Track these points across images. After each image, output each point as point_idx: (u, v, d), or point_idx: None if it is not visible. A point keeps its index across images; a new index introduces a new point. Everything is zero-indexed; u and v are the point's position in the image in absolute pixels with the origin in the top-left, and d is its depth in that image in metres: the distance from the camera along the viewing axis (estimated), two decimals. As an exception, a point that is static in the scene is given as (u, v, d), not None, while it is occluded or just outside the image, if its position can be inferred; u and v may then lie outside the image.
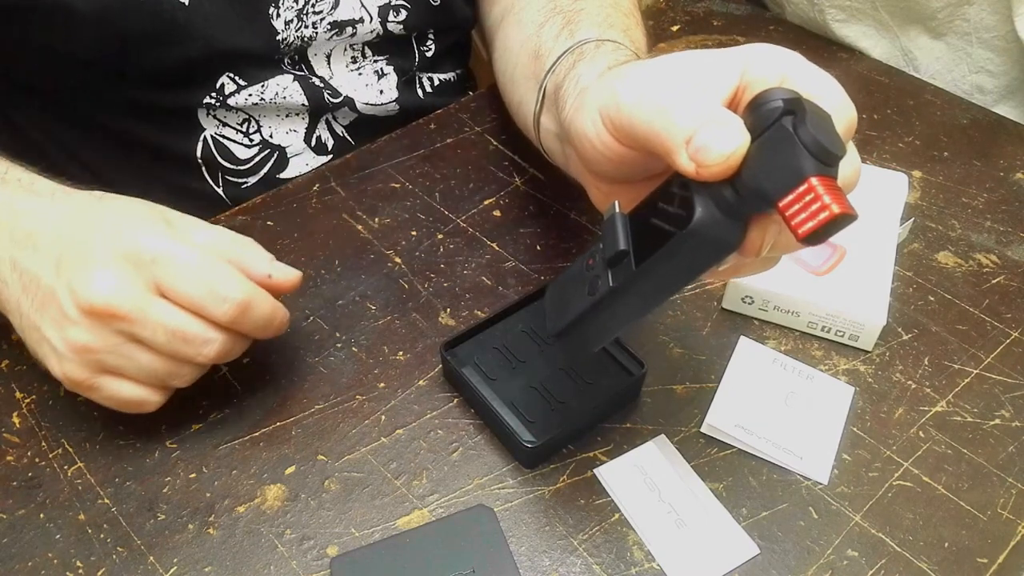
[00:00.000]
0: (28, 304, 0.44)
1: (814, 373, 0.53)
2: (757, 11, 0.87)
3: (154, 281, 0.43)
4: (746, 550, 0.45)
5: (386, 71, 0.71)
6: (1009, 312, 0.57)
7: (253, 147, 0.67)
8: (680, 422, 0.50)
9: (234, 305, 0.44)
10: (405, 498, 0.46)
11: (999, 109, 0.76)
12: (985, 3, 0.72)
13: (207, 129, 0.65)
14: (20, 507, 0.46)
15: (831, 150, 0.31)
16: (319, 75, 0.67)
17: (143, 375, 0.45)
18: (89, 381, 0.44)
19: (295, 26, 0.63)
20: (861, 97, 0.75)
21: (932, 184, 0.66)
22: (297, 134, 0.68)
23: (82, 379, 0.44)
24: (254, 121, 0.66)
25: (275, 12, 0.62)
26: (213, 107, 0.64)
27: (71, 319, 0.42)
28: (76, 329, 0.43)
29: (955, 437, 0.50)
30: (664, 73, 0.38)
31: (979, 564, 0.44)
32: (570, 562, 0.44)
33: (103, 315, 0.42)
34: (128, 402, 0.46)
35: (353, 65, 0.69)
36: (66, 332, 0.43)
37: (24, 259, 0.45)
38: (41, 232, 0.45)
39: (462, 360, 0.50)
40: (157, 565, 0.44)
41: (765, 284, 0.54)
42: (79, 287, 0.42)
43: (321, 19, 0.64)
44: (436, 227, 0.61)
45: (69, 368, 0.44)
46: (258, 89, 0.64)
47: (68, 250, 0.44)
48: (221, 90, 0.63)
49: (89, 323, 0.42)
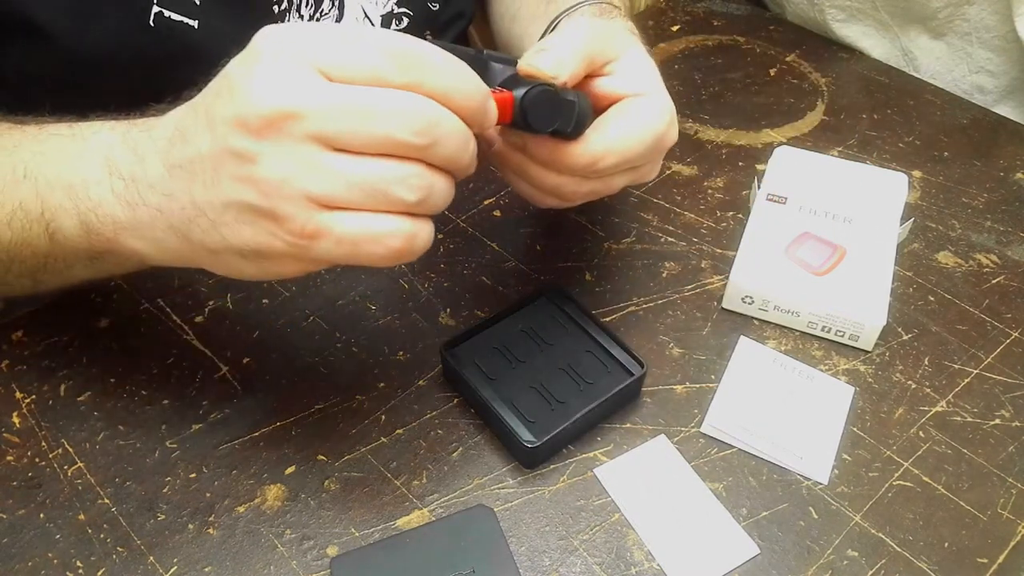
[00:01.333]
0: (202, 190, 0.37)
1: (814, 373, 0.53)
2: (757, 11, 0.87)
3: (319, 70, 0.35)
4: (746, 550, 0.45)
5: None
6: (1009, 312, 0.57)
7: None
8: (680, 422, 0.50)
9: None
10: (405, 498, 0.46)
11: (999, 109, 0.76)
12: (985, 3, 0.72)
13: None
14: (20, 507, 0.46)
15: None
16: None
17: (368, 194, 0.35)
18: (311, 225, 0.35)
19: None
20: (861, 97, 0.75)
21: (932, 184, 0.66)
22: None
23: (302, 226, 0.35)
24: None
25: None
26: None
27: (251, 153, 0.34)
28: (260, 164, 0.34)
29: (955, 437, 0.50)
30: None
31: (979, 564, 0.44)
32: (570, 562, 0.44)
33: (281, 119, 0.34)
34: (377, 238, 0.36)
35: None
36: (252, 173, 0.35)
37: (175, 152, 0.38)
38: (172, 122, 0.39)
39: (462, 360, 0.50)
40: (157, 565, 0.44)
41: (765, 284, 0.54)
42: (241, 108, 0.34)
43: None
44: (436, 227, 0.61)
45: (281, 223, 0.35)
46: None
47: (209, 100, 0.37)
48: None
49: (271, 144, 0.34)
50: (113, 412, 0.50)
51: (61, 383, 0.51)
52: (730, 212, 0.64)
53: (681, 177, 0.67)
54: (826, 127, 0.71)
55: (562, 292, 0.54)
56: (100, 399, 0.50)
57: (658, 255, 0.60)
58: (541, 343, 0.52)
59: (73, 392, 0.51)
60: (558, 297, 0.54)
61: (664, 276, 0.59)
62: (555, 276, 0.58)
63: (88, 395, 0.50)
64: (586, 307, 0.53)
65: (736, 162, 0.68)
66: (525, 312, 0.54)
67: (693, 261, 0.60)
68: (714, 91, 0.76)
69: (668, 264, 0.60)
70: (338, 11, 0.64)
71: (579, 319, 0.53)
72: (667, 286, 0.58)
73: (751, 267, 0.55)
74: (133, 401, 0.50)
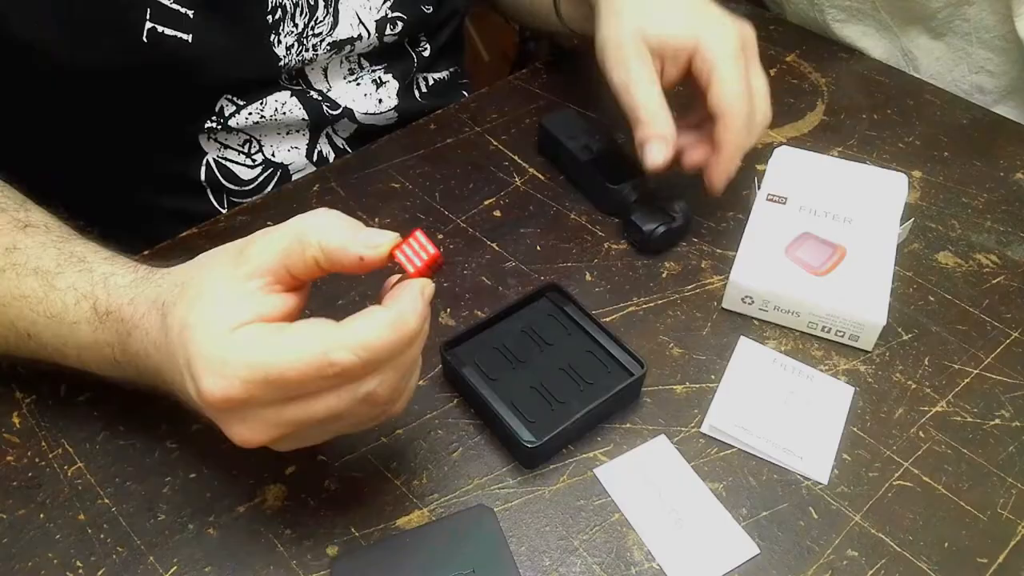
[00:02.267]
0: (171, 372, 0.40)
1: (814, 373, 0.53)
2: (757, 11, 0.87)
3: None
4: (746, 550, 0.45)
5: (384, 79, 0.71)
6: (1009, 312, 0.57)
7: (256, 167, 0.67)
8: (680, 422, 0.50)
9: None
10: (405, 498, 0.46)
11: (999, 109, 0.76)
12: (985, 3, 0.72)
13: (209, 152, 0.65)
14: (20, 507, 0.46)
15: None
16: (316, 88, 0.67)
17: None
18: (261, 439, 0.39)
19: (296, 50, 0.63)
20: (861, 97, 0.75)
21: (932, 184, 0.66)
22: (299, 151, 0.68)
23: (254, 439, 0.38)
24: (255, 141, 0.66)
25: (276, 39, 0.62)
26: (215, 131, 0.64)
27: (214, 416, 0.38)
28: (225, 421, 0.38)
29: (955, 437, 0.50)
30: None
31: (979, 564, 0.44)
32: (570, 562, 0.44)
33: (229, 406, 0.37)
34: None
35: (351, 76, 0.69)
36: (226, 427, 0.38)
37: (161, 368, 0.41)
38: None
39: (462, 360, 0.50)
40: (157, 565, 0.44)
41: (765, 284, 0.54)
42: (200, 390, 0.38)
43: (321, 40, 0.64)
44: (436, 227, 0.61)
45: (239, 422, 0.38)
46: (257, 107, 0.64)
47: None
48: (221, 112, 0.63)
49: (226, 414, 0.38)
50: (113, 412, 0.50)
51: (61, 383, 0.51)
52: (730, 212, 0.64)
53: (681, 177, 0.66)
54: (826, 127, 0.71)
55: (562, 292, 0.54)
56: (100, 399, 0.50)
57: (658, 255, 0.60)
58: (541, 343, 0.52)
59: (73, 392, 0.50)
60: (558, 297, 0.54)
61: (664, 276, 0.59)
62: (555, 276, 0.58)
63: (88, 395, 0.50)
64: (586, 307, 0.53)
65: (736, 162, 0.68)
66: (525, 312, 0.54)
67: (693, 261, 0.60)
68: (714, 91, 0.76)
69: (668, 264, 0.60)
70: (332, 18, 0.64)
71: (579, 319, 0.53)
72: (667, 286, 0.58)
73: (751, 267, 0.55)
74: (133, 401, 0.50)
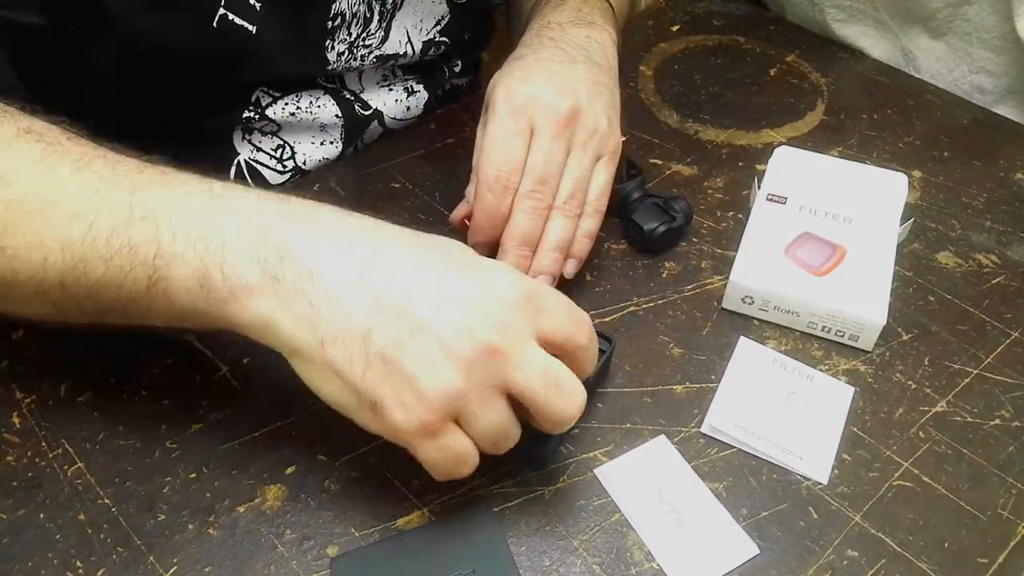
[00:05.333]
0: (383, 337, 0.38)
1: (814, 373, 0.53)
2: (757, 11, 0.87)
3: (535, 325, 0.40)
4: (746, 550, 0.45)
5: (416, 88, 0.72)
6: (1009, 312, 0.57)
7: (285, 173, 0.67)
8: (680, 422, 0.50)
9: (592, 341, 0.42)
10: (405, 498, 0.46)
11: (999, 109, 0.76)
12: (985, 3, 0.72)
13: (241, 153, 0.65)
14: (20, 507, 0.46)
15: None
16: (350, 88, 0.68)
17: (486, 430, 0.39)
18: (436, 426, 0.38)
19: (345, 57, 0.64)
20: (861, 97, 0.75)
21: (932, 184, 0.66)
22: (329, 161, 0.69)
23: (431, 422, 0.38)
24: (288, 147, 0.66)
25: (330, 44, 0.63)
26: (252, 121, 0.64)
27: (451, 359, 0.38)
28: (453, 371, 0.38)
29: (955, 437, 0.50)
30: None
31: (979, 564, 0.44)
32: (570, 562, 0.44)
33: (492, 354, 0.38)
34: (456, 457, 0.40)
35: (384, 82, 0.70)
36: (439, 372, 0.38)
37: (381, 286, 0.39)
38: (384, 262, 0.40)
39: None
40: (157, 565, 0.44)
41: (765, 284, 0.54)
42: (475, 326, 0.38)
43: (370, 52, 0.65)
44: (436, 227, 0.61)
45: (422, 412, 0.38)
46: (293, 99, 0.64)
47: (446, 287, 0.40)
48: (257, 103, 0.63)
49: (470, 364, 0.38)
50: (113, 412, 0.50)
51: (61, 383, 0.51)
52: (730, 212, 0.64)
53: (681, 177, 0.67)
54: (826, 127, 0.71)
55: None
56: (100, 399, 0.50)
57: (658, 255, 0.60)
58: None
59: (73, 392, 0.51)
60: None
61: (664, 276, 0.59)
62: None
63: (88, 395, 0.50)
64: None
65: (736, 162, 0.68)
66: None
67: (693, 261, 0.60)
68: (714, 91, 0.76)
69: (668, 264, 0.60)
70: (384, 33, 0.65)
71: None
72: (667, 286, 0.58)
73: (751, 267, 0.55)
74: (133, 401, 0.50)
